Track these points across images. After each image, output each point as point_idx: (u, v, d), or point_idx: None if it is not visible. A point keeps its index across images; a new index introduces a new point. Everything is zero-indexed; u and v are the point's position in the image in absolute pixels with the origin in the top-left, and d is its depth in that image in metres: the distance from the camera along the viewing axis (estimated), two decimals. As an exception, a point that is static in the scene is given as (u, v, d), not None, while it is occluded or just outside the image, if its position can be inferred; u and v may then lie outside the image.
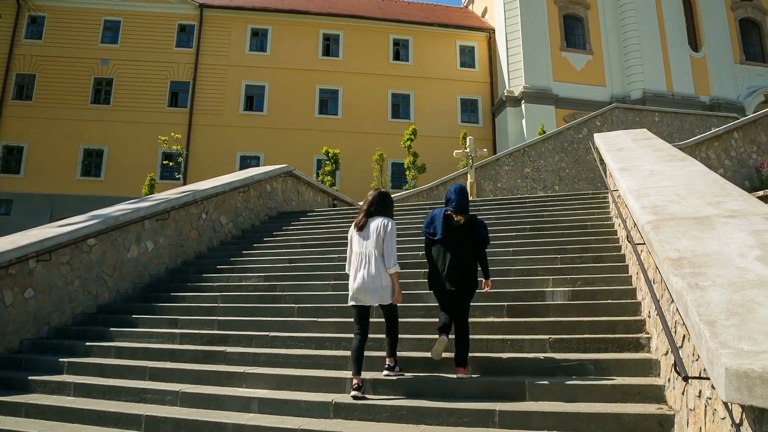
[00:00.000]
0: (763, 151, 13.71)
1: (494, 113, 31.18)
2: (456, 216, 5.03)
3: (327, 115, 29.68)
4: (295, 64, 29.72)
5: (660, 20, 31.83)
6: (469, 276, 4.96)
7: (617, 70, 31.18)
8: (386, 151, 24.93)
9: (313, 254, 8.87)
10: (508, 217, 9.58)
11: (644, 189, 5.19)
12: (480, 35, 32.65)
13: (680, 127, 21.23)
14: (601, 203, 9.79)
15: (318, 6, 31.87)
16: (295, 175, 13.59)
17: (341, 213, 12.17)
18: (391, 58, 31.17)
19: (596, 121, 20.68)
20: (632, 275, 6.11)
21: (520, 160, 19.55)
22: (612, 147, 8.19)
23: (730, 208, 4.07)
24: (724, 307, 2.49)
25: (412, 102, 30.57)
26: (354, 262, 5.03)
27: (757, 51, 33.97)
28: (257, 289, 7.64)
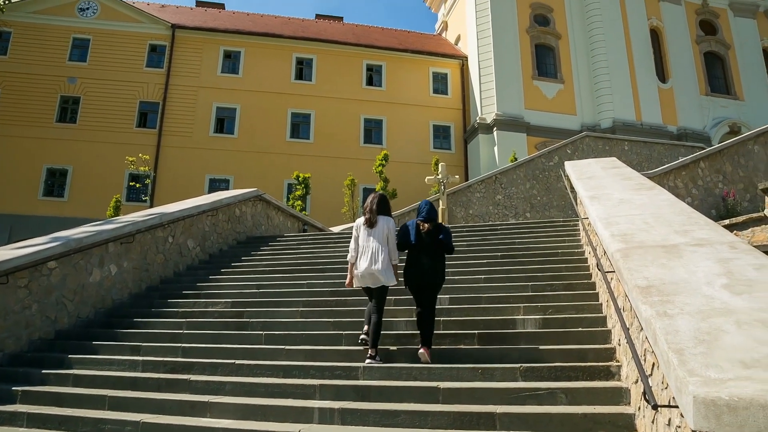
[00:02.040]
0: (728, 180, 14.07)
1: (466, 140, 31.56)
2: (422, 224, 5.94)
3: (299, 139, 29.70)
4: (267, 87, 29.79)
5: (629, 52, 32.78)
6: (439, 273, 5.89)
7: (588, 99, 31.90)
8: (358, 176, 24.99)
9: (282, 280, 8.80)
10: (480, 245, 9.64)
11: (614, 217, 5.28)
12: (453, 62, 33.17)
13: (649, 156, 21.72)
14: (572, 231, 9.92)
15: (292, 30, 32.11)
16: (265, 200, 13.53)
17: (311, 239, 12.12)
18: (364, 83, 31.45)
19: (567, 149, 21.04)
20: (602, 303, 6.17)
21: (491, 187, 19.76)
22: (582, 175, 8.33)
23: (697, 236, 4.16)
24: (691, 335, 2.52)
25: (385, 127, 30.80)
26: (363, 253, 5.98)
27: (721, 83, 35.13)
28: (224, 315, 7.53)
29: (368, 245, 5.98)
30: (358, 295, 7.57)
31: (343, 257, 9.82)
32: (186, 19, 30.94)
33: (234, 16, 33.33)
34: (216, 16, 32.51)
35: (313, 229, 15.16)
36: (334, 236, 12.40)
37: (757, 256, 3.54)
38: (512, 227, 11.22)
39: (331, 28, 34.27)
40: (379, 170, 23.07)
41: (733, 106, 34.32)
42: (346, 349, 5.96)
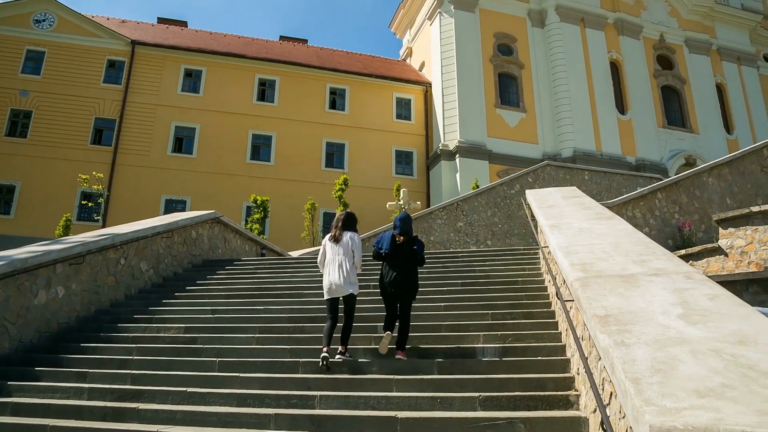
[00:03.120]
0: (684, 211, 14.50)
1: (429, 166, 31.85)
2: (398, 236, 6.49)
3: (259, 161, 29.55)
4: (228, 108, 29.65)
5: (590, 83, 33.75)
6: (412, 282, 6.43)
7: (549, 129, 32.63)
8: (319, 200, 24.94)
9: (238, 305, 8.67)
10: (441, 272, 9.68)
11: (573, 246, 5.37)
12: (417, 88, 33.60)
13: (608, 186, 22.24)
14: (532, 259, 10.05)
15: (255, 50, 32.13)
16: (223, 222, 13.37)
17: (270, 263, 12.00)
18: (327, 106, 31.56)
19: (528, 178, 21.41)
20: (562, 332, 6.25)
21: (453, 213, 19.93)
22: (543, 204, 8.48)
23: (654, 266, 4.26)
24: (648, 365, 2.57)
25: (347, 152, 30.90)
26: (328, 265, 6.51)
27: (677, 117, 36.44)
28: (176, 341, 7.37)
29: (334, 258, 6.50)
30: (316, 322, 7.52)
31: (301, 283, 9.77)
32: (147, 36, 30.70)
33: (196, 35, 33.21)
34: (178, 34, 32.34)
35: (271, 253, 15.02)
36: (293, 261, 12.31)
37: (711, 287, 3.63)
38: (473, 255, 11.32)
39: (295, 51, 34.40)
40: (339, 194, 23.04)
41: (688, 139, 35.58)
42: (302, 377, 5.89)
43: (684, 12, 39.28)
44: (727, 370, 2.44)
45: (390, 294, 6.38)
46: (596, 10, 36.12)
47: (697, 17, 39.56)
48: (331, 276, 6.45)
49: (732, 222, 11.10)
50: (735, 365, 2.48)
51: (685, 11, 39.31)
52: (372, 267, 9.16)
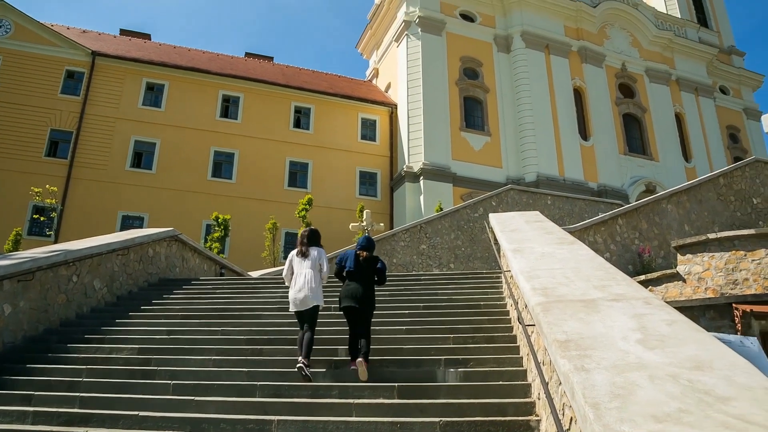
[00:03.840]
0: (644, 237, 14.83)
1: (393, 188, 31.99)
2: (361, 252, 6.84)
3: (221, 178, 29.26)
4: (190, 123, 29.38)
5: (554, 109, 34.48)
6: (372, 298, 6.74)
7: (513, 153, 33.14)
8: (281, 220, 24.78)
9: (194, 326, 8.52)
10: (403, 295, 9.68)
11: (535, 271, 5.44)
12: (382, 109, 33.82)
13: (570, 211, 22.61)
14: (494, 283, 10.12)
15: (219, 66, 31.99)
16: (182, 240, 13.17)
17: (229, 283, 11.85)
18: (291, 125, 31.52)
19: (492, 201, 21.63)
20: (523, 356, 6.29)
21: (416, 236, 19.99)
22: (506, 228, 8.57)
23: (615, 291, 4.33)
24: (607, 390, 2.60)
25: (311, 171, 30.84)
26: (295, 279, 6.86)
27: (638, 144, 37.48)
28: (129, 362, 7.18)
29: (301, 272, 6.85)
30: (275, 344, 7.44)
31: (260, 304, 9.66)
32: (108, 47, 30.29)
33: (160, 48, 32.94)
34: (141, 47, 32.02)
35: (230, 273, 14.83)
36: (253, 282, 12.17)
37: (669, 312, 3.71)
38: (436, 278, 11.35)
39: (260, 68, 34.38)
40: (302, 214, 22.94)
41: (648, 166, 36.56)
42: (260, 401, 5.80)
43: (645, 43, 40.57)
44: (683, 395, 2.49)
45: (352, 310, 6.61)
46: (560, 38, 37.07)
47: (658, 48, 40.92)
48: (297, 290, 6.74)
49: (690, 248, 11.40)
50: (692, 390, 2.53)
51: (646, 42, 40.62)
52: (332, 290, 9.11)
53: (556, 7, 37.37)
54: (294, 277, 6.90)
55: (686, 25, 43.25)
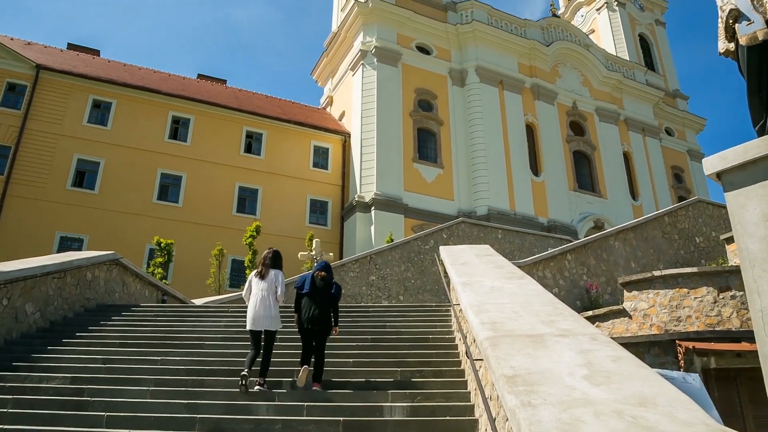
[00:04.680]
0: (592, 273, 15.14)
1: (343, 217, 31.97)
2: (319, 273, 7.25)
3: (167, 201, 28.70)
4: (137, 144, 28.81)
5: (506, 144, 35.23)
6: (327, 320, 7.12)
7: (465, 186, 33.61)
8: (227, 246, 24.43)
9: (132, 355, 8.26)
10: (350, 326, 9.62)
11: (484, 305, 5.48)
12: (335, 138, 33.93)
13: (521, 246, 22.98)
14: (443, 316, 10.16)
15: (170, 86, 31.62)
16: (123, 265, 12.83)
17: (170, 310, 11.56)
18: (242, 150, 31.29)
19: (443, 234, 21.83)
20: (471, 391, 6.30)
21: (366, 267, 19.97)
22: (456, 261, 8.64)
23: (562, 327, 4.40)
24: (553, 426, 2.63)
25: (260, 198, 30.58)
26: (253, 299, 7.19)
27: (587, 181, 38.57)
28: (60, 392, 6.89)
29: (259, 293, 7.19)
30: (217, 375, 7.28)
31: (203, 333, 9.45)
32: (54, 61, 29.58)
33: (109, 65, 32.37)
34: (88, 62, 31.41)
35: (173, 300, 14.50)
36: (196, 309, 11.92)
37: (615, 348, 3.79)
38: (384, 310, 11.33)
39: (212, 90, 34.14)
40: (249, 242, 22.67)
41: (597, 203, 37.60)
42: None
43: (595, 83, 42.04)
44: (628, 431, 2.53)
45: (308, 330, 7.00)
46: (514, 74, 38.07)
47: (607, 88, 42.44)
48: (255, 309, 7.08)
49: (636, 285, 11.69)
50: (635, 426, 2.57)
51: (597, 82, 42.09)
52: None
53: (510, 44, 38.45)
54: (252, 297, 7.23)
55: (634, 68, 45.07)
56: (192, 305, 13.61)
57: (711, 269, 11.47)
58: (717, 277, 11.03)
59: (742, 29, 4.37)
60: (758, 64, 4.34)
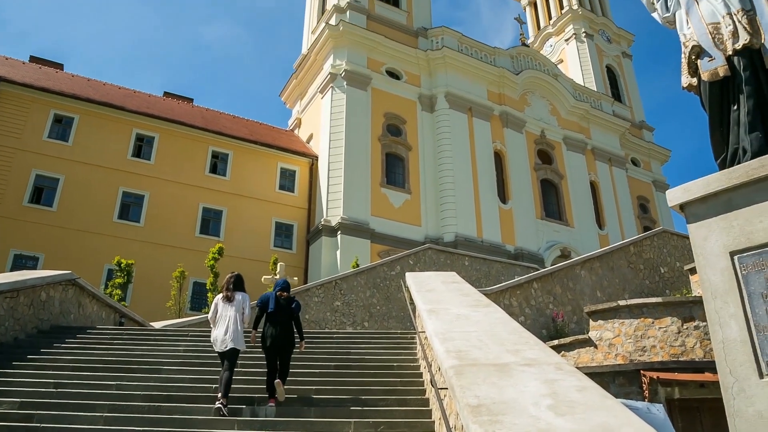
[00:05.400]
0: (558, 301, 15.28)
1: (309, 241, 31.82)
2: (281, 293, 7.65)
3: (128, 221, 28.19)
4: (99, 161, 28.33)
5: (474, 170, 35.58)
6: (291, 337, 7.54)
7: (433, 212, 33.78)
8: (190, 268, 24.07)
9: (86, 379, 8.06)
10: (314, 353, 9.54)
11: (450, 333, 5.49)
12: (303, 160, 33.88)
13: (487, 273, 23.12)
14: (409, 343, 10.14)
15: (136, 104, 31.28)
16: (80, 285, 12.55)
17: (128, 334, 11.33)
18: (207, 170, 31.02)
19: (410, 260, 21.85)
20: (435, 420, 6.28)
21: (331, 292, 19.87)
22: (422, 288, 8.65)
23: (527, 356, 4.42)
24: (517, 458, 2.63)
25: (224, 219, 30.29)
26: (220, 322, 7.48)
27: (554, 209, 39.13)
28: (8, 418, 6.66)
29: (225, 315, 7.49)
30: (174, 402, 7.14)
31: (161, 357, 9.27)
32: (15, 74, 29.02)
33: (72, 80, 31.91)
34: (51, 76, 30.92)
35: (131, 323, 14.22)
36: (155, 333, 11.70)
37: (580, 378, 3.82)
38: (349, 336, 11.28)
39: (178, 108, 33.90)
40: (212, 264, 22.38)
41: (564, 232, 38.11)
42: None
43: (563, 112, 42.88)
44: (591, 464, 2.54)
45: (272, 348, 7.33)
46: (483, 102, 38.62)
47: (575, 118, 43.32)
48: (220, 331, 7.38)
49: (601, 315, 11.83)
50: (599, 460, 2.59)
51: (564, 111, 42.93)
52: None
53: (480, 71, 39.05)
54: (218, 320, 7.51)
55: (602, 99, 46.13)
56: (151, 328, 13.38)
57: (675, 299, 11.67)
58: (681, 307, 11.22)
59: (704, 65, 4.52)
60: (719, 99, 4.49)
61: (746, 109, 4.31)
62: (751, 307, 3.96)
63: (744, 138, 4.31)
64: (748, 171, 4.10)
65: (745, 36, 4.34)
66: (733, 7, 4.47)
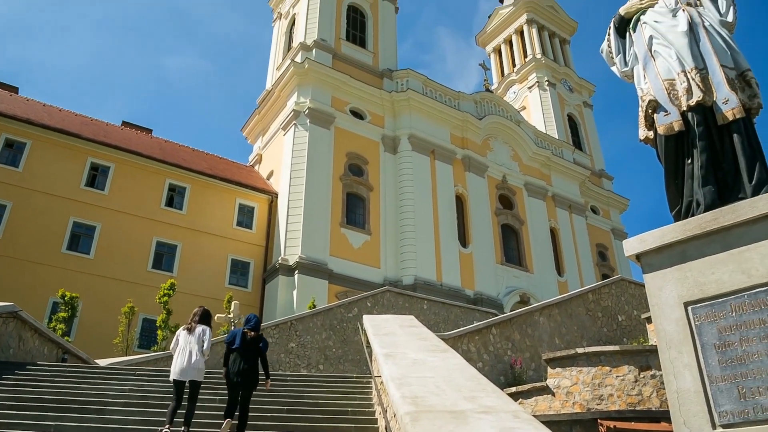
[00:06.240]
0: (517, 348, 15.35)
1: (265, 280, 31.50)
2: (249, 332, 7.88)
3: (77, 252, 27.51)
4: (49, 188, 27.71)
5: (435, 213, 35.89)
6: (256, 375, 7.78)
7: (392, 254, 33.81)
8: (140, 304, 23.55)
9: (22, 419, 7.76)
10: (266, 396, 9.37)
11: (407, 378, 5.47)
12: (262, 197, 33.75)
13: (446, 318, 23.14)
14: (364, 388, 10.05)
15: (92, 132, 30.85)
16: (21, 318, 12.16)
17: (71, 371, 10.98)
18: (163, 203, 30.64)
19: (368, 302, 21.76)
20: (388, 469, 6.20)
21: (286, 333, 19.62)
22: (379, 331, 8.62)
23: (485, 403, 4.43)
24: (471, 508, 2.62)
25: (179, 254, 29.83)
26: (180, 351, 7.75)
27: (515, 255, 39.58)
28: (-64, 458, 6.39)
29: (186, 347, 7.76)
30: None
31: (105, 397, 9.00)
32: (-36, 98, 28.48)
33: (27, 104, 31.35)
34: (5, 99, 30.30)
35: (75, 359, 13.78)
36: (99, 371, 11.37)
37: (537, 427, 3.84)
38: (303, 379, 11.14)
39: (136, 139, 33.56)
40: (164, 300, 21.94)
41: (524, 278, 38.50)
42: None
43: (525, 158, 43.77)
44: None
45: (236, 384, 7.55)
46: (446, 145, 39.19)
47: (537, 164, 44.24)
48: (180, 361, 7.63)
49: (559, 362, 11.92)
50: None
51: (526, 157, 43.83)
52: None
53: (443, 114, 39.71)
54: (179, 350, 7.79)
55: (563, 146, 47.30)
56: (95, 366, 13.00)
57: (632, 348, 11.83)
58: (638, 355, 11.38)
59: (660, 119, 4.71)
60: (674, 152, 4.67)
61: (699, 163, 4.50)
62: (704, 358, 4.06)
63: (698, 191, 4.49)
64: (701, 223, 4.25)
65: (698, 93, 4.55)
66: (687, 65, 4.69)
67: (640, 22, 5.20)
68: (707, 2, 4.94)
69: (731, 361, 3.95)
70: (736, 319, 3.98)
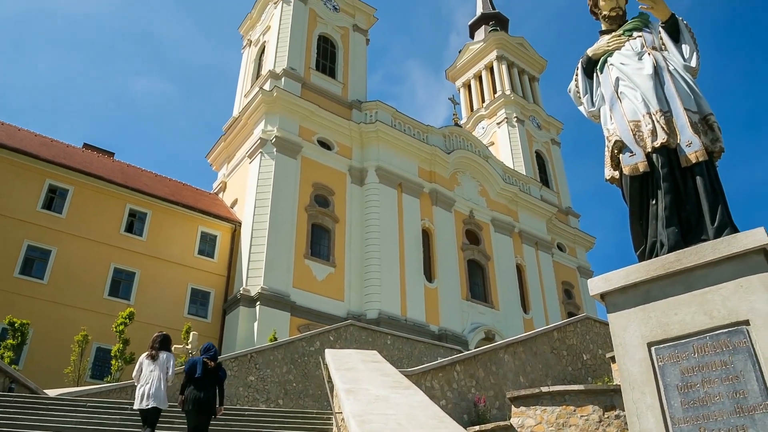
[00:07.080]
0: (481, 386, 15.32)
1: (226, 310, 31.09)
2: (210, 362, 8.05)
3: (30, 277, 26.77)
4: (3, 210, 27.04)
5: (401, 247, 35.93)
6: (214, 402, 7.98)
7: (357, 287, 33.69)
8: (94, 332, 23.03)
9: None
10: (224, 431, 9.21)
11: (368, 415, 5.43)
12: (225, 225, 33.46)
13: (410, 353, 23.03)
14: (324, 424, 9.93)
15: (51, 153, 30.34)
16: (-33, 346, 11.78)
17: (18, 401, 10.64)
18: (123, 228, 30.15)
19: (330, 336, 21.58)
20: None
21: (245, 366, 19.31)
22: (341, 366, 8.56)
23: (446, 443, 4.41)
24: None
25: (137, 282, 29.30)
26: (143, 380, 7.97)
27: (480, 291, 39.77)
28: None
29: (149, 374, 7.98)
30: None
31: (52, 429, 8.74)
32: None
33: (-17, 124, 30.79)
34: (-42, 120, 29.76)
35: (22, 389, 13.37)
36: (48, 402, 11.04)
37: (497, 469, 3.83)
38: (262, 414, 10.97)
39: (97, 162, 33.08)
40: (121, 329, 21.49)
41: (489, 314, 38.64)
42: None
43: (492, 193, 44.25)
44: None
45: (194, 411, 7.77)
46: (414, 178, 39.44)
47: (504, 200, 44.76)
48: (144, 389, 7.87)
49: (524, 401, 11.92)
50: None
51: (494, 193, 44.33)
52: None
53: (412, 148, 40.04)
54: (142, 377, 7.99)
55: (530, 183, 48.01)
56: (44, 396, 12.62)
57: (597, 387, 11.90)
58: (602, 395, 11.44)
59: (626, 160, 4.82)
60: (639, 193, 4.78)
61: (663, 204, 4.60)
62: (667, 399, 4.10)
63: (662, 232, 4.58)
64: (664, 264, 4.33)
65: (663, 135, 4.68)
66: (653, 108, 4.83)
67: (607, 64, 5.34)
68: (672, 47, 5.10)
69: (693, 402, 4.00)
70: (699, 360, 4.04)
